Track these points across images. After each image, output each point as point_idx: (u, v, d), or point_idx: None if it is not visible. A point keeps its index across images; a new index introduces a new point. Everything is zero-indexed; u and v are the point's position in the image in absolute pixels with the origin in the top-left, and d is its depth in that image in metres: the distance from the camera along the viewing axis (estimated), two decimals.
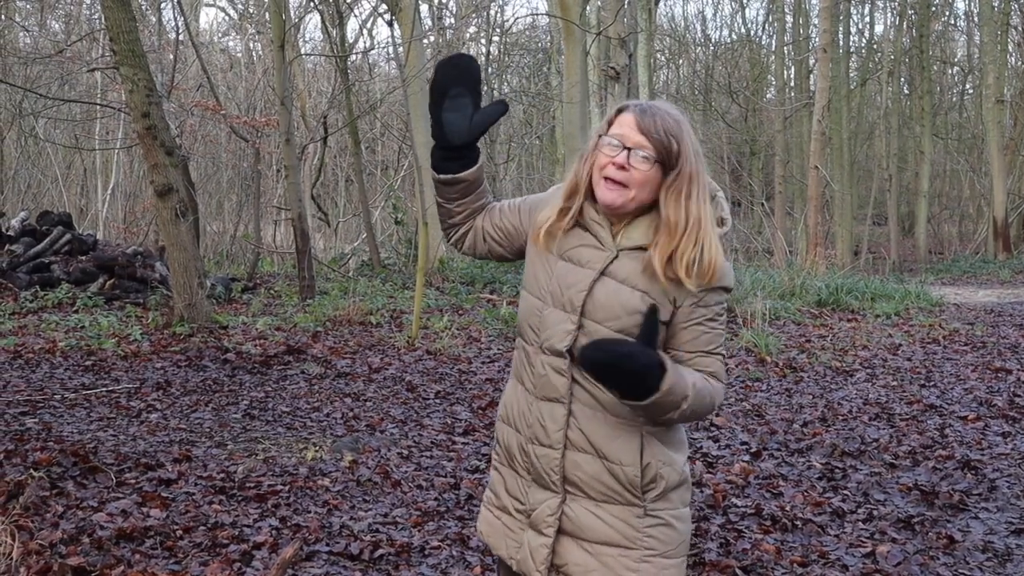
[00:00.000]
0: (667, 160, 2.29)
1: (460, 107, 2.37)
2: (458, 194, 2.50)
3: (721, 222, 2.40)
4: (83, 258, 14.01)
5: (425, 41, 22.01)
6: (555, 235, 2.41)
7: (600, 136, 2.36)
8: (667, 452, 2.41)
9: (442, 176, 2.46)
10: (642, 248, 2.35)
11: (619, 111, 2.36)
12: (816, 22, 27.47)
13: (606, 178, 2.31)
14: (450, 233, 2.60)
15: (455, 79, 2.37)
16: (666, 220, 2.30)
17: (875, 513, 5.06)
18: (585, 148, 2.42)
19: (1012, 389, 8.15)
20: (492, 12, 30.87)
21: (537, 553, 2.41)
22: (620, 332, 2.30)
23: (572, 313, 2.34)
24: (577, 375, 2.35)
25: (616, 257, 2.35)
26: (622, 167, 2.29)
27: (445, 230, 2.60)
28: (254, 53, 28.40)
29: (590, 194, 2.39)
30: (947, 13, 34.44)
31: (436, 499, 5.21)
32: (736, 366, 9.13)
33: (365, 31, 36.69)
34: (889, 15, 32.21)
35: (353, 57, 25.36)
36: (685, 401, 2.25)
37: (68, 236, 14.39)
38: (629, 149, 2.29)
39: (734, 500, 5.25)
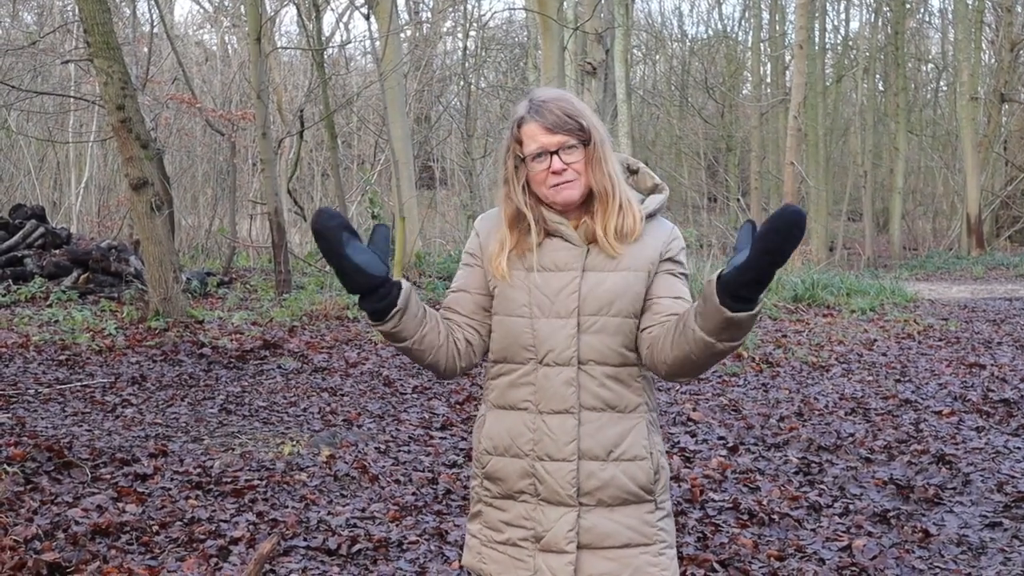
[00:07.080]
0: (585, 138, 2.33)
1: (359, 249, 2.21)
2: (409, 331, 2.33)
3: (657, 188, 2.47)
4: (57, 252, 13.90)
5: (402, 35, 21.95)
6: (523, 255, 2.37)
7: (520, 160, 2.36)
8: (659, 441, 2.44)
9: (388, 322, 2.28)
10: None
11: (518, 126, 2.36)
12: (792, 18, 27.68)
13: (552, 185, 2.33)
14: (453, 373, 2.46)
15: (336, 228, 2.17)
16: (599, 192, 2.34)
17: (851, 507, 5.09)
18: (501, 176, 2.41)
19: (986, 384, 8.22)
20: (469, 6, 30.85)
21: (561, 573, 2.34)
22: (618, 316, 2.32)
23: (569, 317, 2.33)
24: (583, 380, 2.34)
25: (589, 251, 2.36)
26: (561, 171, 2.32)
27: (447, 376, 2.47)
28: (230, 46, 28.21)
29: (542, 204, 2.38)
30: (922, 10, 34.70)
31: (414, 494, 5.20)
32: None
33: (342, 25, 36.64)
34: (864, 12, 32.45)
35: (330, 51, 25.25)
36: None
37: (41, 230, 14.28)
38: (554, 153, 2.32)
39: (711, 494, 5.27)
